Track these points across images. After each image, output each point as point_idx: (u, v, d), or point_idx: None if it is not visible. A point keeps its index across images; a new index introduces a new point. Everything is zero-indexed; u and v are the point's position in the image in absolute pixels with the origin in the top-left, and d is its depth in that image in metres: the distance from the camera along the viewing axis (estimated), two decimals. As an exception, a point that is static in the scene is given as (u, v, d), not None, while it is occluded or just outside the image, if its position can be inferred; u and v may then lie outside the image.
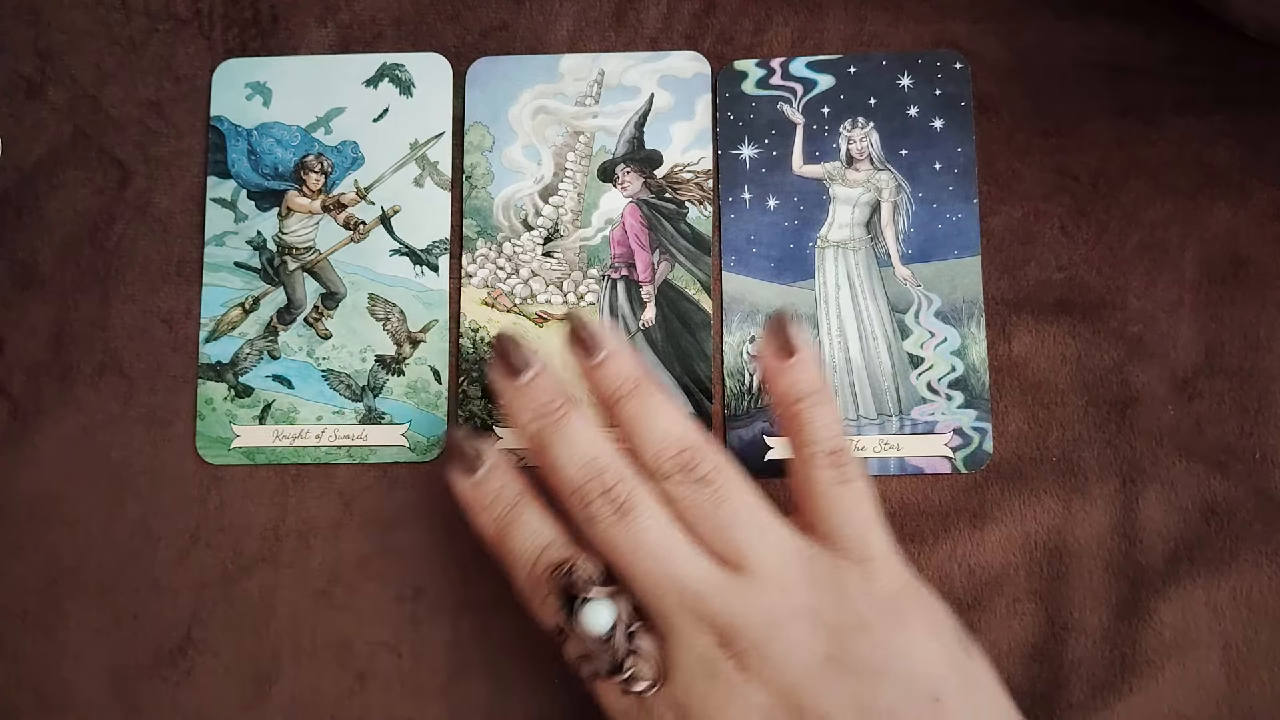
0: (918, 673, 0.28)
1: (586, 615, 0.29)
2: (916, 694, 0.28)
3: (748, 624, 0.28)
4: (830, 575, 0.29)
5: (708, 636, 0.28)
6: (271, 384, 0.38)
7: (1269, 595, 0.34)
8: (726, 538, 0.30)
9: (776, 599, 0.29)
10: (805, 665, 0.28)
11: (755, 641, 0.28)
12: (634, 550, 0.29)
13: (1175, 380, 0.36)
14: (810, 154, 0.39)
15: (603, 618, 0.29)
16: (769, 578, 0.29)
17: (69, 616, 0.37)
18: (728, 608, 0.29)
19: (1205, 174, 0.37)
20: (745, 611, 0.28)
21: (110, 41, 0.41)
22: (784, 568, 0.29)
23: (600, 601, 0.29)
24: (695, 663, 0.28)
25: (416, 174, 0.39)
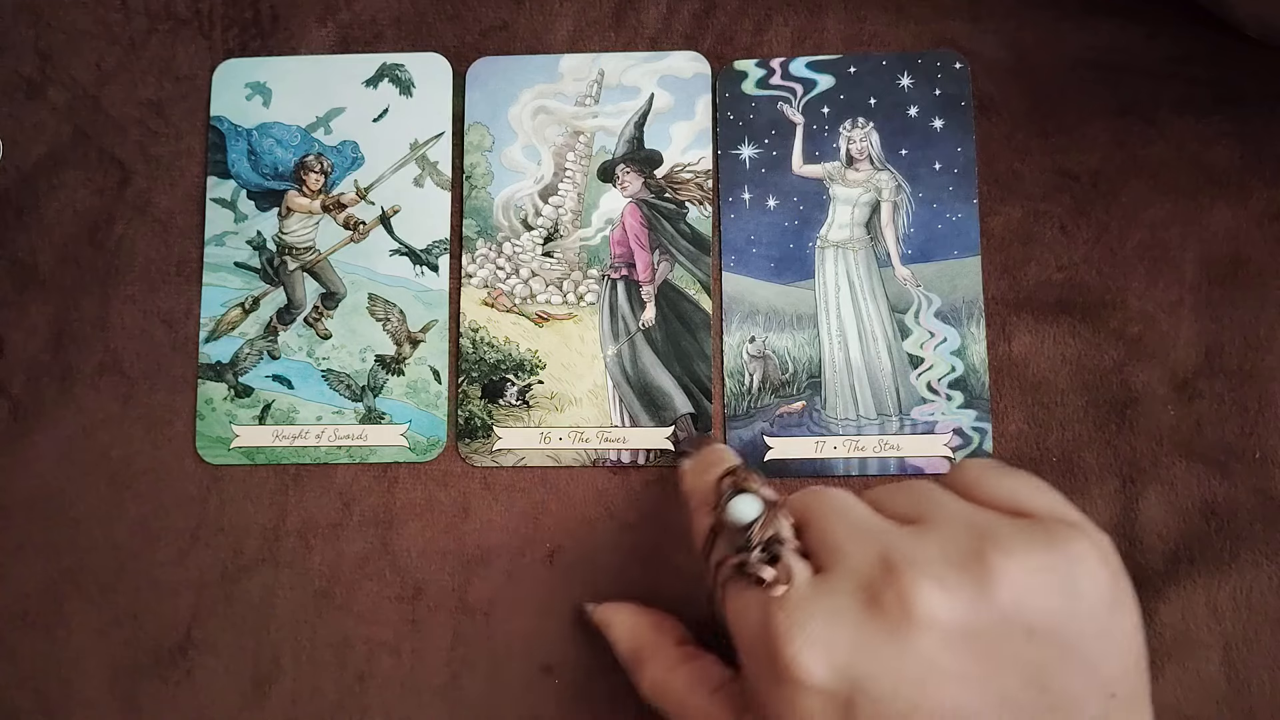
0: (1109, 664, 0.25)
1: (735, 503, 0.27)
2: (1097, 685, 0.24)
3: (921, 557, 0.24)
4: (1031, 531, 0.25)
5: (875, 563, 0.25)
6: (271, 384, 0.38)
7: (1269, 595, 0.34)
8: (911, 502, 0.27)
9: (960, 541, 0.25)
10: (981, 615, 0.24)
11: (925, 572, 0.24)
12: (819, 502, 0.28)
13: (1175, 380, 0.36)
14: (810, 154, 0.39)
15: (750, 508, 0.27)
16: (955, 524, 0.25)
17: (69, 616, 0.37)
18: (902, 542, 0.25)
19: (1205, 174, 0.37)
20: (921, 546, 0.25)
21: (110, 41, 0.41)
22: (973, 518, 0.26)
23: (752, 496, 0.28)
24: (852, 586, 0.25)
25: (416, 174, 0.39)
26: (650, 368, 0.38)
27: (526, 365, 0.38)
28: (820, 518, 0.27)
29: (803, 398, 0.37)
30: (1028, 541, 0.25)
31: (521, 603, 0.36)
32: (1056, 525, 0.25)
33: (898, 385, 0.37)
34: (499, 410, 0.38)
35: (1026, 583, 0.24)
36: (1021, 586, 0.24)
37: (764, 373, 0.37)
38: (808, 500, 0.28)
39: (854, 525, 0.26)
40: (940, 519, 0.26)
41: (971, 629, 0.24)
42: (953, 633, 0.23)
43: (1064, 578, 0.24)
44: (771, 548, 0.26)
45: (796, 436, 0.37)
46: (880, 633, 0.24)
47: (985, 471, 0.28)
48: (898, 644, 0.24)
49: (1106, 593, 0.25)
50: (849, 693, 0.24)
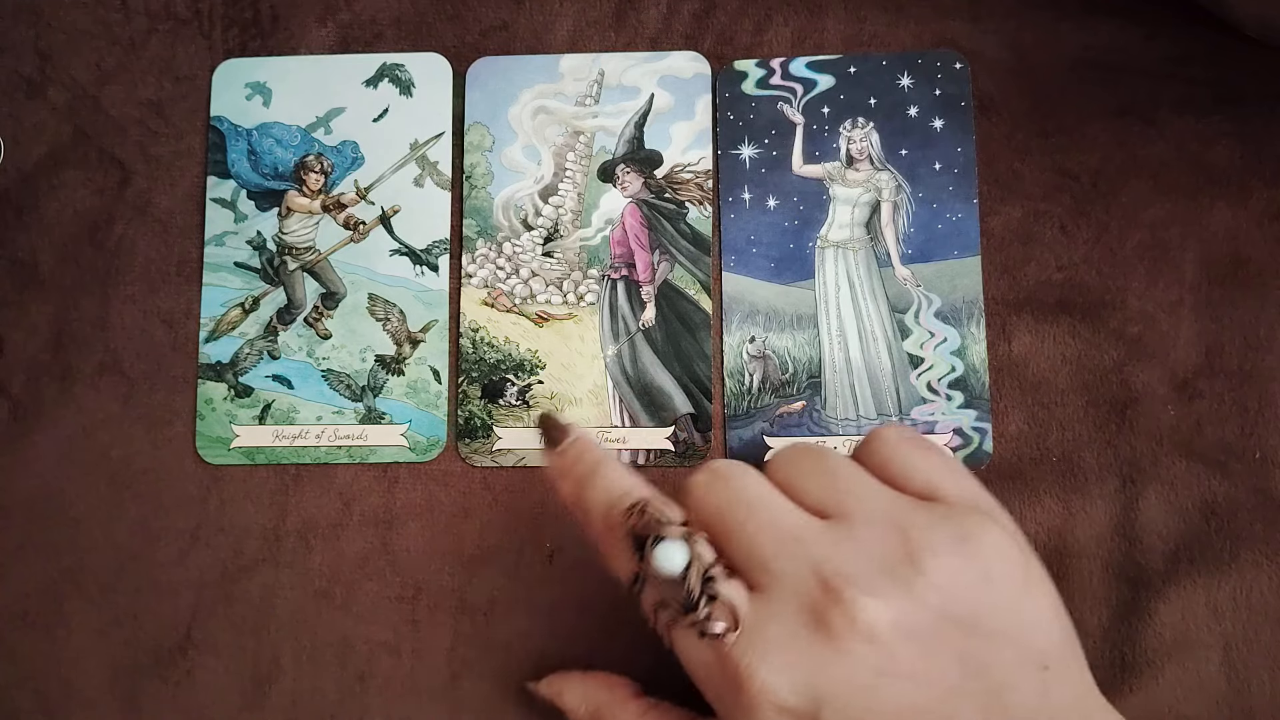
0: (1035, 638, 0.26)
1: (659, 554, 0.27)
2: (1030, 659, 0.26)
3: (855, 570, 0.26)
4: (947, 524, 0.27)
5: (811, 582, 0.26)
6: (271, 384, 0.38)
7: (1269, 595, 0.34)
8: (826, 488, 0.28)
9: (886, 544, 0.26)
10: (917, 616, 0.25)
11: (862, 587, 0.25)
12: (732, 505, 0.28)
13: (1175, 380, 0.36)
14: (810, 154, 0.39)
15: (676, 558, 0.27)
16: (876, 523, 0.27)
17: (69, 616, 0.37)
18: (832, 553, 0.26)
19: (1205, 174, 0.37)
20: (851, 557, 0.26)
21: (110, 41, 0.41)
22: (892, 514, 0.27)
23: (674, 541, 0.27)
24: (794, 611, 0.26)
25: (416, 174, 0.39)
26: (650, 368, 0.38)
27: (526, 365, 0.38)
28: (738, 527, 0.27)
29: (803, 398, 0.37)
30: (946, 537, 0.26)
31: (521, 603, 0.36)
32: (969, 516, 0.27)
33: (898, 385, 0.37)
34: (499, 410, 0.38)
35: (950, 579, 0.26)
36: (947, 583, 0.26)
37: (764, 373, 0.37)
38: (718, 503, 0.28)
39: (778, 534, 0.27)
40: (860, 516, 0.27)
41: (910, 631, 0.25)
42: (895, 638, 0.25)
43: (981, 567, 0.26)
44: (707, 589, 0.26)
45: (796, 436, 0.37)
46: (832, 651, 0.25)
47: (899, 447, 0.29)
48: (849, 658, 0.25)
49: (1019, 575, 0.27)
50: (814, 710, 0.25)
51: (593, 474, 0.30)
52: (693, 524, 0.28)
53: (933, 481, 0.28)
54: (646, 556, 0.27)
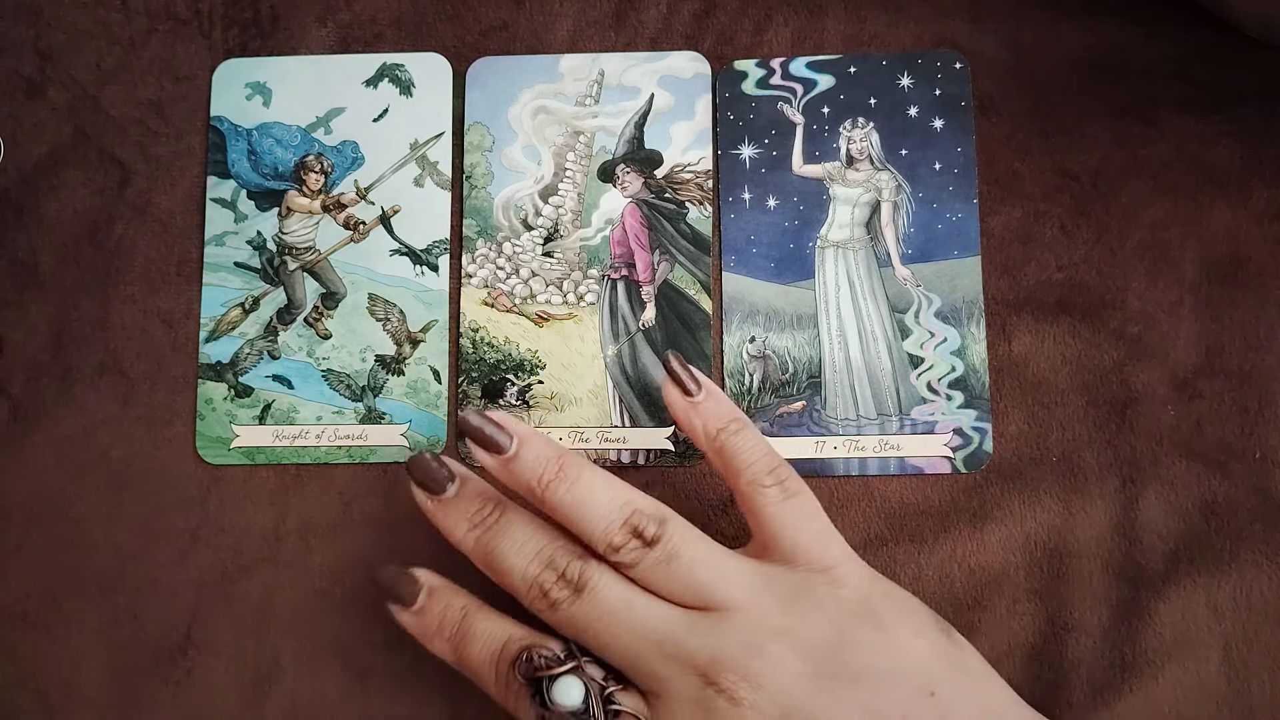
0: (908, 669, 0.28)
1: (556, 694, 0.28)
2: (912, 691, 0.28)
3: (729, 656, 0.28)
4: (798, 591, 0.29)
5: (693, 678, 0.28)
6: (271, 384, 0.38)
7: (1269, 595, 0.34)
8: (688, 584, 0.29)
9: (752, 625, 0.28)
10: (796, 685, 0.28)
11: (741, 672, 0.28)
12: (601, 619, 0.29)
13: (1175, 380, 0.36)
14: (810, 154, 0.39)
15: (573, 692, 0.28)
16: (739, 608, 0.29)
17: (69, 616, 0.37)
18: (705, 644, 0.28)
19: (1205, 174, 0.37)
20: (723, 644, 0.28)
21: (110, 41, 0.41)
22: (752, 595, 0.29)
23: (566, 678, 0.29)
24: (689, 708, 0.28)
25: (416, 174, 0.39)
26: (650, 368, 0.38)
27: (526, 365, 0.38)
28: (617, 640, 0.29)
29: (803, 398, 0.37)
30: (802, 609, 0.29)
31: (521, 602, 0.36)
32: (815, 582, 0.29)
33: (898, 385, 0.37)
34: (499, 410, 0.38)
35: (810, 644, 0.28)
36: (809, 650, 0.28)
37: (764, 373, 0.37)
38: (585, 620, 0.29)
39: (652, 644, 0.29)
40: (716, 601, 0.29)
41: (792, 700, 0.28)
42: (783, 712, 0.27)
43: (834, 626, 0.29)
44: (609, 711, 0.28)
45: (796, 436, 0.37)
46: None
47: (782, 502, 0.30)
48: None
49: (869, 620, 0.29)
50: None
51: (466, 631, 0.31)
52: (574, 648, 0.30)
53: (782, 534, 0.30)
54: (546, 700, 0.28)
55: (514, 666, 0.29)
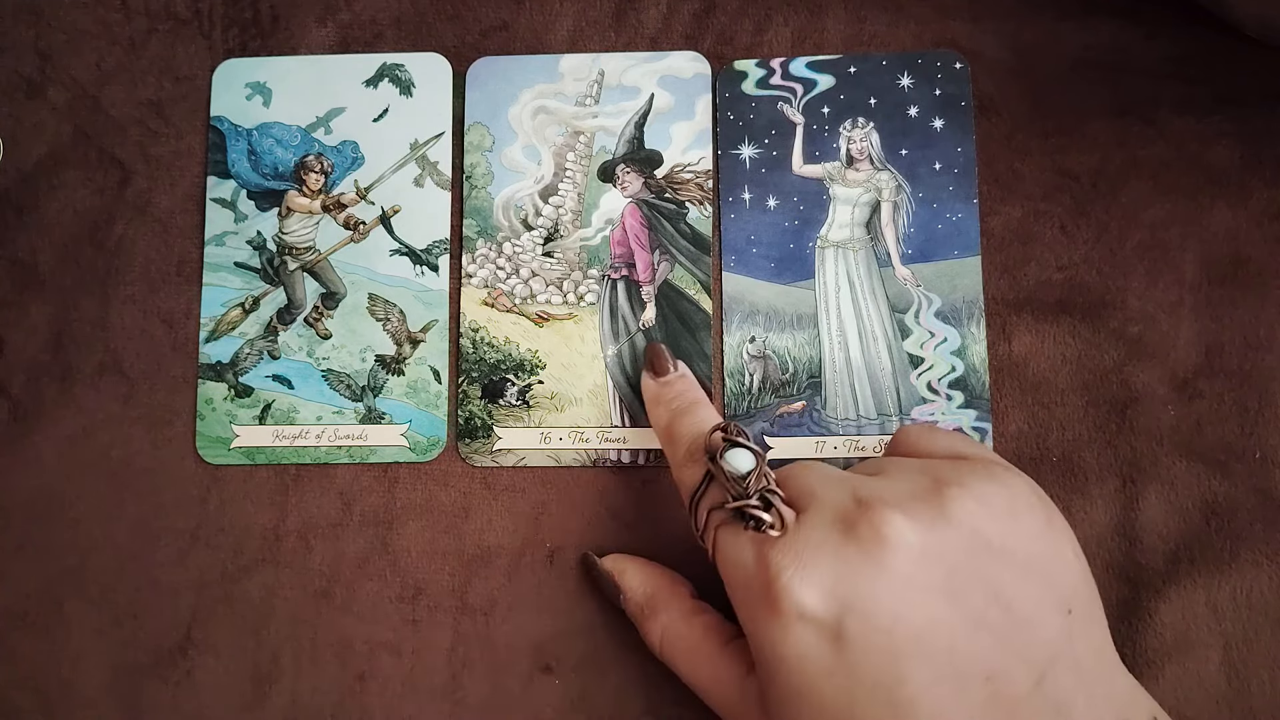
0: (1058, 578, 0.27)
1: (732, 454, 0.29)
2: (1053, 600, 0.26)
3: (888, 494, 0.27)
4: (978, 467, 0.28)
5: (848, 501, 0.27)
6: (271, 384, 0.38)
7: (1269, 595, 0.34)
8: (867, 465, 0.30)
9: (919, 482, 0.28)
10: (945, 536, 0.26)
11: (892, 504, 0.26)
12: (791, 467, 0.30)
13: (1175, 380, 0.36)
14: (810, 154, 0.39)
15: (744, 460, 0.29)
16: (910, 470, 0.28)
17: (69, 616, 0.37)
18: (871, 483, 0.28)
19: (1205, 174, 0.37)
20: (887, 487, 0.27)
21: (110, 41, 0.41)
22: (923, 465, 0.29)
23: (744, 450, 0.29)
24: (830, 523, 0.27)
25: (416, 174, 0.39)
26: (650, 368, 0.38)
27: (526, 365, 0.38)
28: (795, 474, 0.29)
29: (803, 398, 0.37)
30: (971, 474, 0.28)
31: (521, 603, 0.36)
32: (992, 464, 0.29)
33: (898, 385, 0.37)
34: (499, 410, 0.38)
35: (976, 508, 0.27)
36: (973, 510, 0.27)
37: (764, 373, 0.37)
38: (788, 469, 0.30)
39: (826, 474, 0.29)
40: (897, 468, 0.29)
41: (936, 549, 0.26)
42: (921, 553, 0.26)
43: (1006, 502, 0.27)
44: (765, 495, 0.28)
45: (797, 436, 0.37)
46: (859, 558, 0.26)
47: (924, 432, 0.31)
48: (875, 567, 0.26)
49: (1041, 515, 0.28)
50: (838, 616, 0.26)
51: (690, 409, 0.33)
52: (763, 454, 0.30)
53: (956, 448, 0.30)
54: (720, 457, 0.29)
55: (712, 433, 0.31)
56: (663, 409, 0.34)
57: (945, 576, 0.26)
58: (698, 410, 0.33)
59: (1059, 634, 0.26)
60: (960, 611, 0.26)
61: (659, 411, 0.34)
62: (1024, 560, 0.27)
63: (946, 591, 0.26)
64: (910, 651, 0.25)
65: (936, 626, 0.25)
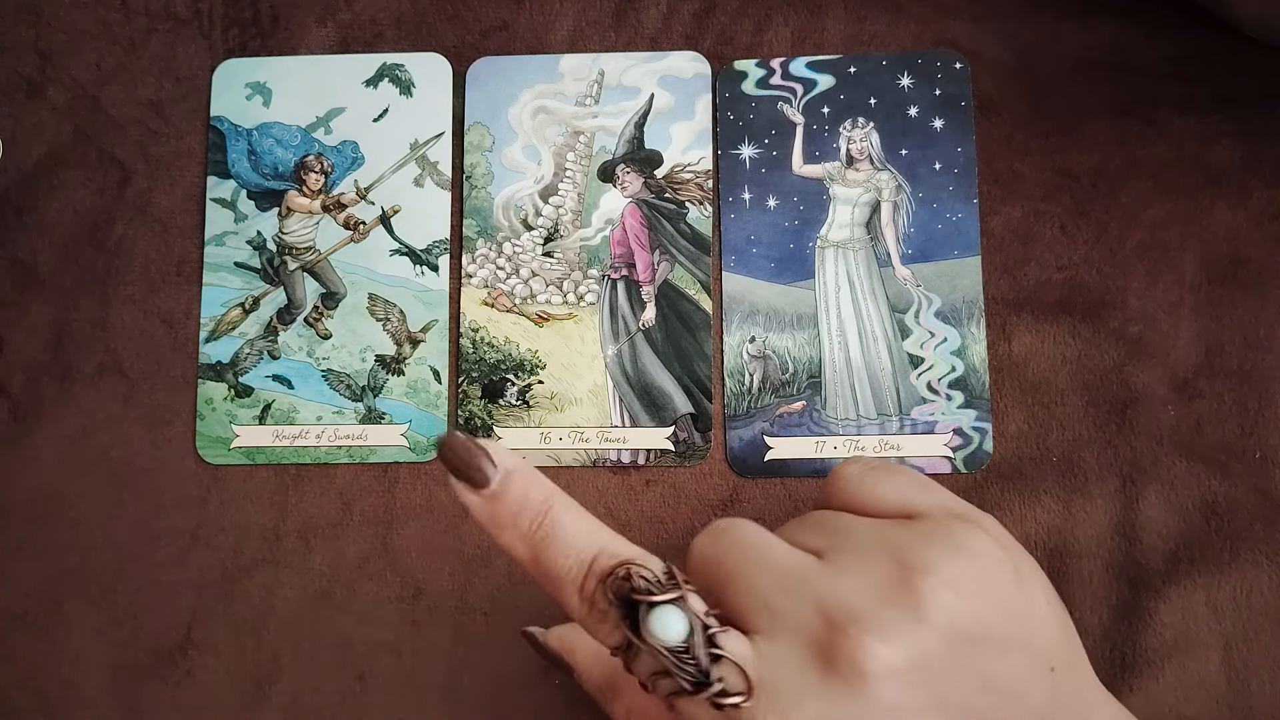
0: (1038, 640, 0.26)
1: (656, 623, 0.24)
2: (1036, 665, 0.25)
3: (858, 605, 0.24)
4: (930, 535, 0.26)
5: (815, 620, 0.24)
6: (271, 384, 0.38)
7: (1269, 595, 0.34)
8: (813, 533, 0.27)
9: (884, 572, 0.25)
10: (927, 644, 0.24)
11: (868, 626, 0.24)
12: (728, 548, 0.26)
13: (1175, 380, 0.36)
14: (810, 154, 0.39)
15: (675, 626, 0.24)
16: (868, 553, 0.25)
17: (69, 616, 0.37)
18: (833, 587, 0.25)
19: (1205, 174, 0.37)
20: (852, 590, 0.24)
21: (110, 41, 0.41)
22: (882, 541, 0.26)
23: (667, 608, 0.24)
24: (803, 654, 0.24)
25: (416, 174, 0.39)
26: (650, 368, 0.38)
27: (526, 365, 0.38)
28: (737, 570, 0.26)
29: (803, 398, 0.37)
30: (935, 549, 0.25)
31: (521, 603, 0.36)
32: (952, 525, 0.26)
33: (898, 385, 0.37)
34: (499, 410, 0.38)
35: (950, 598, 0.24)
36: (948, 603, 0.24)
37: (764, 373, 0.37)
38: (716, 552, 0.26)
39: (776, 574, 0.25)
40: (851, 546, 0.26)
41: (920, 661, 0.24)
42: (906, 673, 0.24)
43: (977, 574, 0.25)
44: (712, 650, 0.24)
45: (796, 436, 0.37)
46: (844, 698, 0.24)
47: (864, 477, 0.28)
48: (862, 701, 0.24)
49: (1011, 574, 0.26)
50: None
51: (549, 532, 0.25)
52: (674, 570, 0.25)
53: (908, 500, 0.27)
54: (641, 627, 0.24)
55: (604, 583, 0.25)
56: (511, 535, 0.25)
57: (932, 688, 0.24)
58: (562, 527, 0.25)
59: (1045, 695, 0.25)
60: (954, 714, 0.24)
61: (508, 539, 0.25)
62: (1003, 636, 0.25)
63: (937, 704, 0.24)
64: None
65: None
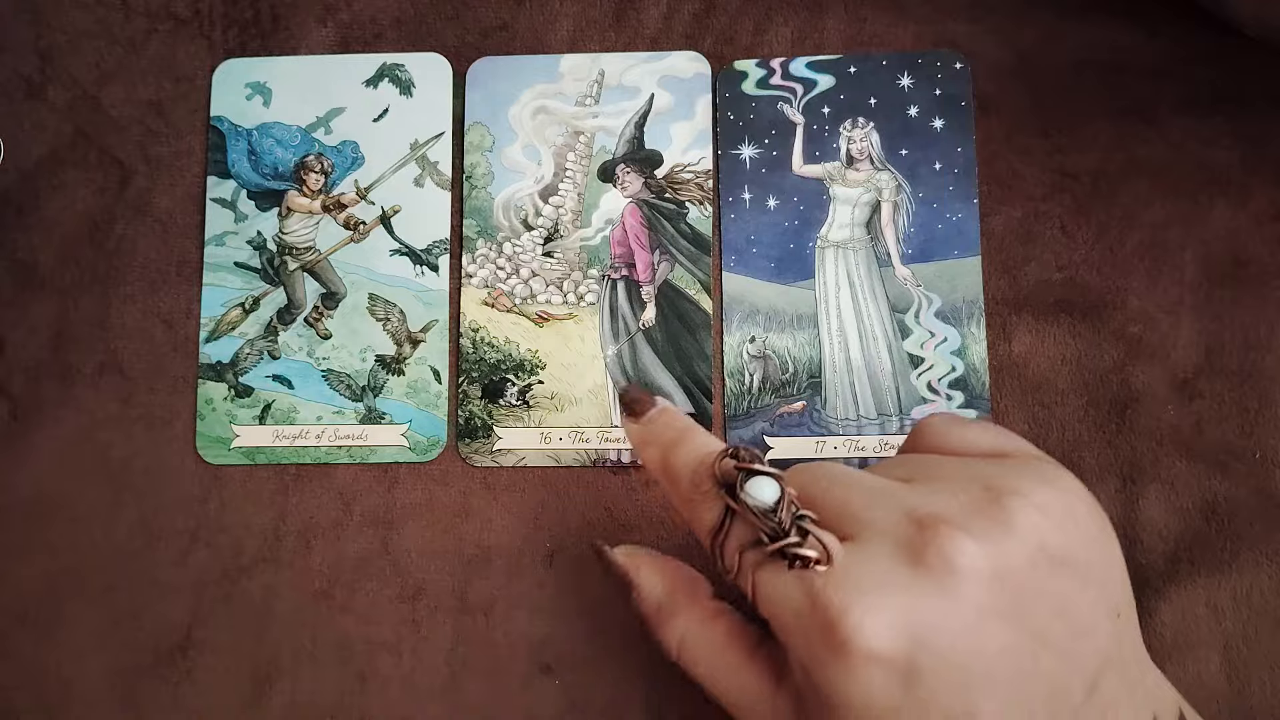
0: (1111, 584, 0.26)
1: (752, 486, 0.26)
2: (1106, 606, 0.26)
3: (950, 512, 0.25)
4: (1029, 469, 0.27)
5: (905, 524, 0.25)
6: (271, 384, 0.38)
7: (1269, 595, 0.34)
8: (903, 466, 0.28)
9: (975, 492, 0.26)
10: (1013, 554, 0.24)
11: (960, 525, 0.24)
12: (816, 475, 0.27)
13: (1175, 380, 0.36)
14: (810, 154, 0.39)
15: (767, 490, 0.26)
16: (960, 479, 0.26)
17: (69, 616, 0.37)
18: (925, 500, 0.25)
19: (1205, 174, 0.37)
20: (944, 503, 0.25)
21: (110, 41, 0.41)
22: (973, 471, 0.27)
23: (764, 477, 0.26)
24: (891, 551, 0.25)
25: (416, 174, 0.39)
26: (650, 368, 0.38)
27: (526, 365, 0.38)
28: (827, 490, 0.27)
29: (803, 398, 0.37)
30: (1026, 478, 0.26)
31: (521, 603, 0.36)
32: (1041, 464, 0.27)
33: (898, 385, 0.37)
34: (499, 410, 0.38)
35: (1039, 519, 0.25)
36: (1037, 522, 0.25)
37: (764, 373, 0.37)
38: (805, 477, 0.27)
39: (867, 490, 0.26)
40: (941, 475, 0.27)
41: (1005, 570, 0.24)
42: (992, 576, 0.24)
43: (1066, 508, 0.26)
44: (800, 525, 0.26)
45: (797, 436, 0.37)
46: (931, 590, 0.24)
47: (953, 425, 0.29)
48: (948, 598, 0.24)
49: (1096, 518, 0.27)
50: (909, 655, 0.24)
51: (680, 439, 0.30)
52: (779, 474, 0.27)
53: (998, 444, 0.28)
54: (739, 491, 0.26)
55: (714, 468, 0.27)
56: (652, 448, 0.30)
57: (1014, 599, 0.24)
58: (691, 437, 0.30)
59: (1110, 640, 0.25)
60: (1028, 634, 0.24)
61: (649, 452, 0.30)
62: (1083, 568, 0.25)
63: (1016, 615, 0.24)
64: (982, 683, 0.24)
65: (1007, 653, 0.24)
